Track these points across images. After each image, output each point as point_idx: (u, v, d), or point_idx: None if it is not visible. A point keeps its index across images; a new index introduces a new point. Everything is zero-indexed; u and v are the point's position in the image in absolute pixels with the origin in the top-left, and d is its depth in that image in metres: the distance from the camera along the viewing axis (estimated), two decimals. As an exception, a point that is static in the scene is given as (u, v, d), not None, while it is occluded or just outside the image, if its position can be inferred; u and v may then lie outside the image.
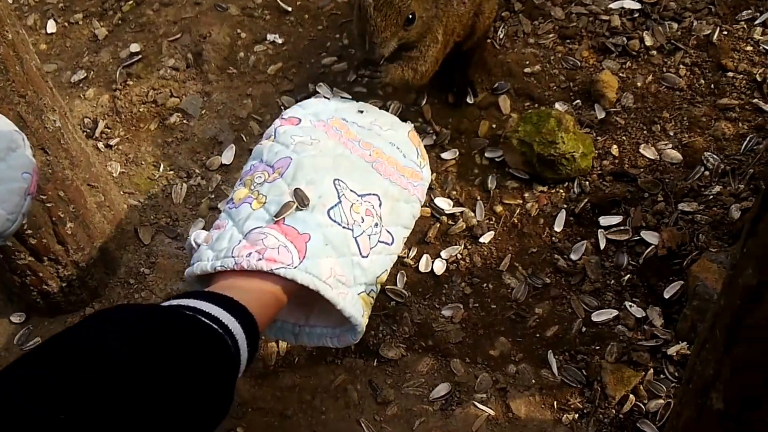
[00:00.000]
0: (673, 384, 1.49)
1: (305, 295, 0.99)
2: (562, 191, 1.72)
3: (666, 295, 1.56)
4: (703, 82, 1.78)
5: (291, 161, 1.05)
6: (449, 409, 1.54)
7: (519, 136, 1.69)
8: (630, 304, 1.58)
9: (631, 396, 1.49)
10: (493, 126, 1.82)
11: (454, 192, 1.76)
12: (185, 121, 1.95)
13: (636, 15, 1.89)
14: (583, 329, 1.58)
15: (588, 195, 1.70)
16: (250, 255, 0.96)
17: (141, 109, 1.98)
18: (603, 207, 1.68)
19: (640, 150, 1.73)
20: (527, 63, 1.87)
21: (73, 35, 2.16)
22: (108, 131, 1.97)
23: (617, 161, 1.73)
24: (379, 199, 1.08)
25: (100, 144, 1.95)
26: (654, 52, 1.83)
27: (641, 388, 1.50)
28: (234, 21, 2.08)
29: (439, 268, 1.68)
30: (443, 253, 1.69)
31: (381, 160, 1.11)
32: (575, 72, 1.84)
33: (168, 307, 0.88)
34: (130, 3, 2.17)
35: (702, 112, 1.75)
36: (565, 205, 1.70)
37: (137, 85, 2.02)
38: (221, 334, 0.86)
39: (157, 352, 0.76)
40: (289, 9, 2.08)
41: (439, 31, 1.61)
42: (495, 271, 1.66)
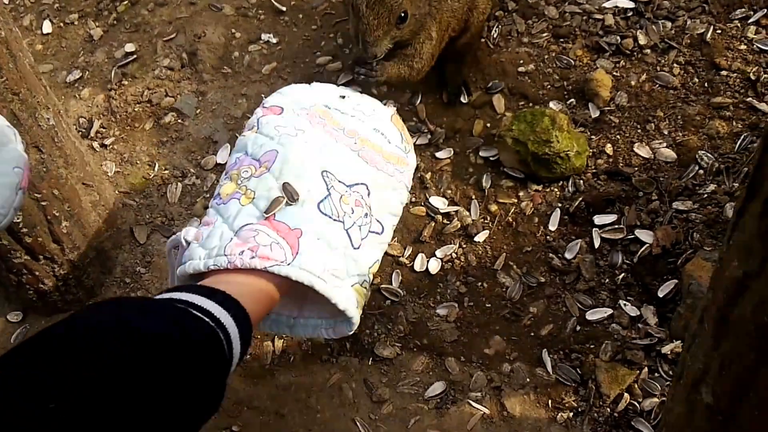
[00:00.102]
0: (668, 382, 1.49)
1: (298, 288, 0.99)
2: (556, 190, 1.72)
3: (660, 294, 1.56)
4: (697, 80, 1.78)
5: (277, 154, 1.05)
6: (444, 408, 1.55)
7: (513, 135, 1.69)
8: (624, 302, 1.58)
9: (626, 394, 1.50)
10: (488, 125, 1.82)
11: (449, 191, 1.76)
12: (180, 121, 1.95)
13: (630, 14, 1.89)
14: (578, 328, 1.58)
15: (582, 194, 1.70)
16: (242, 253, 0.96)
17: (136, 109, 1.98)
18: (597, 206, 1.68)
19: (634, 149, 1.73)
20: (521, 62, 1.87)
21: (69, 35, 2.16)
22: (103, 131, 1.97)
23: (611, 160, 1.74)
24: (368, 189, 1.08)
25: (95, 143, 1.95)
26: (648, 50, 1.83)
27: (636, 386, 1.50)
28: (228, 21, 2.08)
29: (434, 267, 1.68)
30: (438, 252, 1.69)
31: (366, 147, 1.11)
32: (569, 71, 1.85)
33: (160, 300, 0.88)
34: (125, 3, 2.17)
35: (696, 110, 1.75)
36: (560, 204, 1.70)
37: (132, 85, 2.02)
38: (213, 327, 0.86)
39: (148, 345, 0.76)
40: (284, 9, 2.08)
41: (433, 28, 1.61)
42: (490, 270, 1.67)
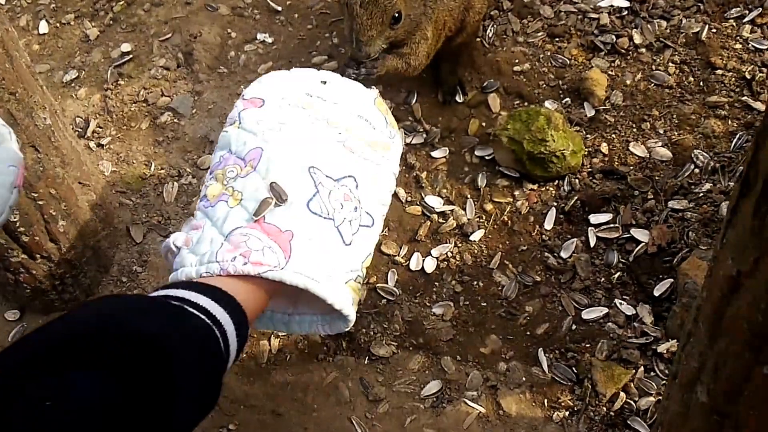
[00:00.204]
0: (664, 381, 1.49)
1: (292, 287, 0.98)
2: (552, 189, 1.72)
3: (656, 293, 1.57)
4: (692, 79, 1.79)
5: (262, 152, 1.03)
6: (440, 407, 1.55)
7: (509, 134, 1.69)
8: (620, 301, 1.59)
9: (622, 393, 1.50)
10: (483, 124, 1.83)
11: (444, 190, 1.76)
12: (176, 121, 1.96)
13: (625, 13, 1.89)
14: (574, 327, 1.59)
15: (578, 193, 1.70)
16: (234, 259, 0.95)
17: (132, 109, 1.98)
18: (593, 205, 1.68)
19: (629, 148, 1.73)
20: (516, 61, 1.87)
21: (65, 36, 2.16)
22: (99, 130, 1.97)
23: (607, 159, 1.74)
24: (355, 181, 1.06)
25: (91, 143, 1.95)
26: (643, 50, 1.84)
27: (632, 385, 1.51)
28: (224, 21, 2.08)
29: (430, 266, 1.68)
30: (434, 251, 1.69)
31: (351, 137, 1.08)
32: (564, 70, 1.85)
33: (156, 298, 0.88)
34: (121, 3, 2.17)
35: (691, 109, 1.75)
36: (555, 203, 1.70)
37: (128, 85, 2.02)
38: (209, 325, 0.85)
39: (144, 344, 0.76)
40: (279, 8, 2.08)
41: (429, 28, 1.61)
42: (485, 269, 1.67)
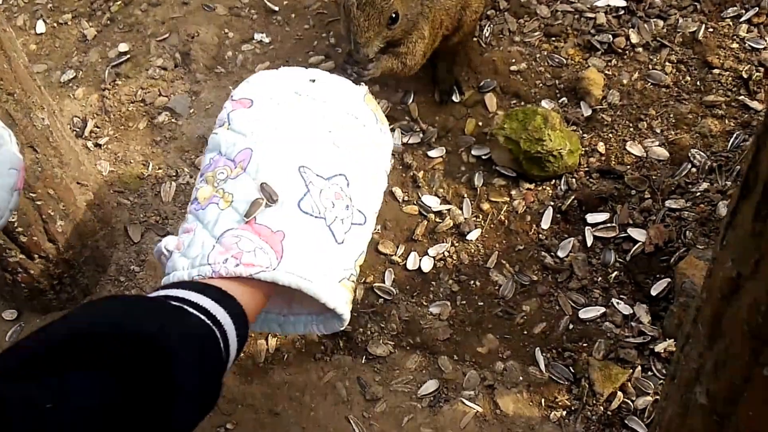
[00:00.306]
0: (661, 381, 1.49)
1: (285, 288, 0.98)
2: (548, 188, 1.73)
3: (653, 292, 1.57)
4: (689, 79, 1.79)
5: (252, 153, 1.03)
6: (437, 406, 1.55)
7: (505, 133, 1.69)
8: (617, 301, 1.59)
9: (619, 393, 1.50)
10: (480, 124, 1.83)
11: (441, 190, 1.76)
12: (174, 120, 1.96)
13: (621, 12, 1.89)
14: (571, 326, 1.59)
15: (575, 192, 1.70)
16: (226, 261, 0.94)
17: (130, 109, 1.98)
18: (590, 204, 1.68)
19: (626, 147, 1.73)
20: (513, 61, 1.87)
21: (63, 35, 2.16)
22: (97, 130, 1.97)
23: (604, 158, 1.74)
24: (346, 179, 1.05)
25: (89, 143, 1.95)
26: (640, 49, 1.84)
27: (629, 385, 1.51)
28: (221, 21, 2.08)
29: (427, 265, 1.68)
30: (431, 251, 1.69)
31: (341, 135, 1.08)
32: (561, 69, 1.85)
33: (156, 298, 0.88)
34: (118, 3, 2.17)
35: (688, 109, 1.75)
36: (552, 203, 1.70)
37: (126, 85, 2.02)
38: (209, 325, 0.85)
39: (144, 347, 0.76)
40: (276, 8, 2.08)
41: (425, 27, 1.61)
42: (482, 269, 1.67)
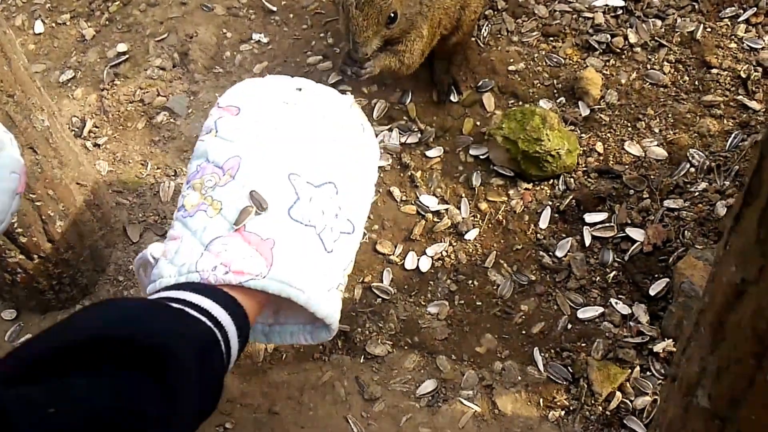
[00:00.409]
0: (660, 381, 1.49)
1: (273, 297, 0.97)
2: (546, 188, 1.73)
3: (652, 292, 1.57)
4: (688, 78, 1.79)
5: (240, 160, 1.01)
6: (436, 406, 1.55)
7: (503, 133, 1.69)
8: (616, 301, 1.59)
9: (618, 393, 1.50)
10: (478, 123, 1.83)
11: (439, 189, 1.76)
12: (172, 120, 1.96)
13: (619, 12, 1.89)
14: (569, 326, 1.59)
15: (573, 192, 1.70)
16: (215, 268, 0.93)
17: (128, 109, 1.98)
18: (588, 204, 1.68)
19: (625, 147, 1.73)
20: (511, 61, 1.88)
21: (61, 35, 2.16)
22: (96, 130, 1.97)
23: (602, 158, 1.74)
24: (335, 187, 1.04)
25: (88, 143, 1.95)
26: (638, 49, 1.84)
27: (628, 385, 1.51)
28: (220, 21, 2.08)
29: (425, 265, 1.68)
30: (429, 250, 1.69)
31: (329, 143, 1.08)
32: (559, 69, 1.85)
33: (157, 300, 0.88)
34: (117, 3, 2.17)
35: (687, 108, 1.75)
36: (550, 202, 1.70)
37: (124, 85, 2.02)
38: (211, 328, 0.85)
39: (145, 345, 0.76)
40: (274, 9, 2.08)
41: (424, 26, 1.61)
42: (480, 268, 1.67)
